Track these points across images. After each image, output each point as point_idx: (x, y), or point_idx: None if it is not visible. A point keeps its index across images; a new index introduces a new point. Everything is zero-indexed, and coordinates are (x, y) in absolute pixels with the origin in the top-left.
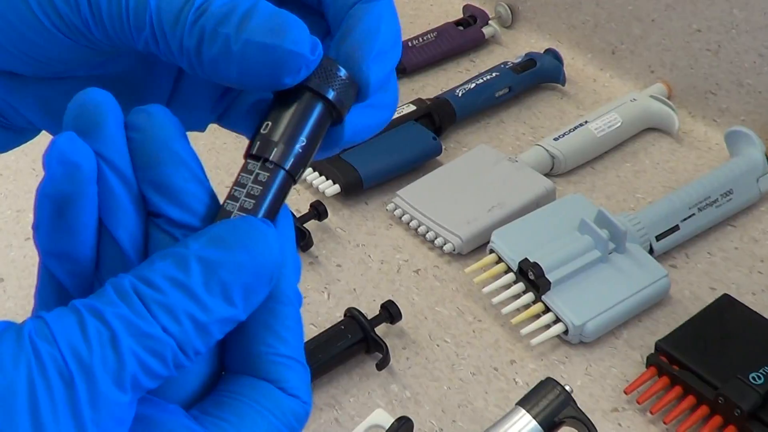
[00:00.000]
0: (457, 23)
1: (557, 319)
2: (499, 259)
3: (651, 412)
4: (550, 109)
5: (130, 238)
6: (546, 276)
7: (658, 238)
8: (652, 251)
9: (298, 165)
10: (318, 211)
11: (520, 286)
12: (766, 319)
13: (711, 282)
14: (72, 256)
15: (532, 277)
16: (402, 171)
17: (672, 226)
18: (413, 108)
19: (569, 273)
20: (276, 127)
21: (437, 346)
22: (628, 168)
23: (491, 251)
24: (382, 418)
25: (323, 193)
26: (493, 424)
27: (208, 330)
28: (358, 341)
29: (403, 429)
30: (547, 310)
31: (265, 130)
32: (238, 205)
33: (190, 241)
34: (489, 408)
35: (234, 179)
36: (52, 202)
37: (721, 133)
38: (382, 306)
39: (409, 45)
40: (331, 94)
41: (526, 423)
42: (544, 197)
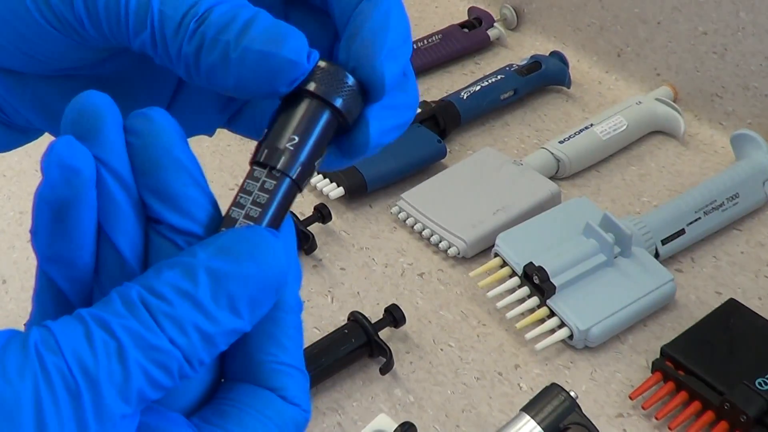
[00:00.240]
0: (462, 25)
1: (562, 324)
2: (504, 263)
3: (656, 418)
4: (555, 112)
5: (129, 244)
6: (551, 280)
7: (664, 242)
8: (657, 255)
9: (305, 174)
10: (322, 214)
11: (525, 290)
12: None
13: (717, 286)
14: (71, 261)
15: (537, 281)
16: (406, 174)
17: (678, 230)
18: (418, 110)
19: (574, 277)
20: (283, 135)
21: (441, 350)
22: (634, 171)
23: (496, 255)
24: (386, 423)
25: (327, 195)
26: (498, 430)
27: (214, 342)
28: (362, 345)
29: None
30: (552, 314)
31: (272, 137)
32: (243, 212)
33: (198, 249)
34: (493, 413)
35: (239, 185)
36: (50, 207)
37: (727, 136)
38: (386, 310)
39: (414, 47)
40: (338, 102)
41: (530, 429)
42: (549, 201)
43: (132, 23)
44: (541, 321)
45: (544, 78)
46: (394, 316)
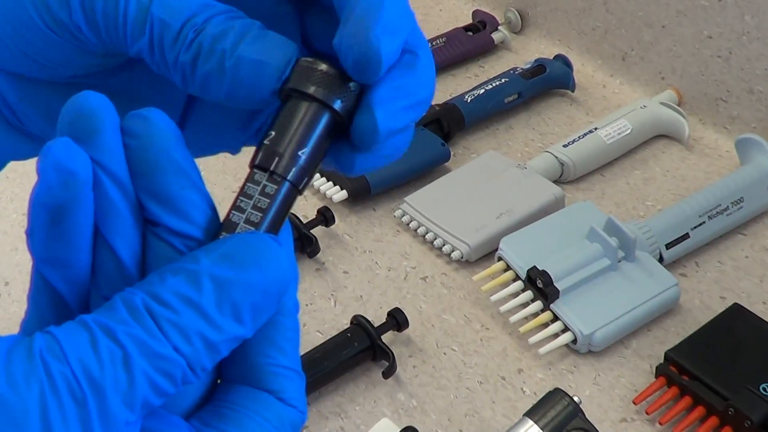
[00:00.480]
0: (467, 29)
1: (566, 328)
2: (508, 267)
3: (660, 423)
4: (560, 116)
5: (127, 247)
6: (554, 284)
7: (668, 247)
8: (661, 260)
9: (306, 177)
10: (325, 217)
11: (529, 295)
12: None
13: (721, 291)
14: (67, 263)
15: (541, 286)
16: (410, 177)
17: (682, 235)
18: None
19: (578, 281)
20: (283, 138)
21: (444, 354)
22: (638, 175)
23: (499, 259)
24: (389, 427)
25: (331, 199)
26: None
27: (217, 349)
28: (365, 349)
29: None
30: (556, 318)
31: (272, 140)
32: (244, 217)
33: (202, 256)
34: (496, 417)
35: (239, 188)
36: (47, 209)
37: (731, 140)
38: (389, 313)
39: None
40: (338, 104)
41: None
42: (553, 204)
43: (130, 30)
44: (545, 325)
45: (548, 81)
46: (397, 320)
